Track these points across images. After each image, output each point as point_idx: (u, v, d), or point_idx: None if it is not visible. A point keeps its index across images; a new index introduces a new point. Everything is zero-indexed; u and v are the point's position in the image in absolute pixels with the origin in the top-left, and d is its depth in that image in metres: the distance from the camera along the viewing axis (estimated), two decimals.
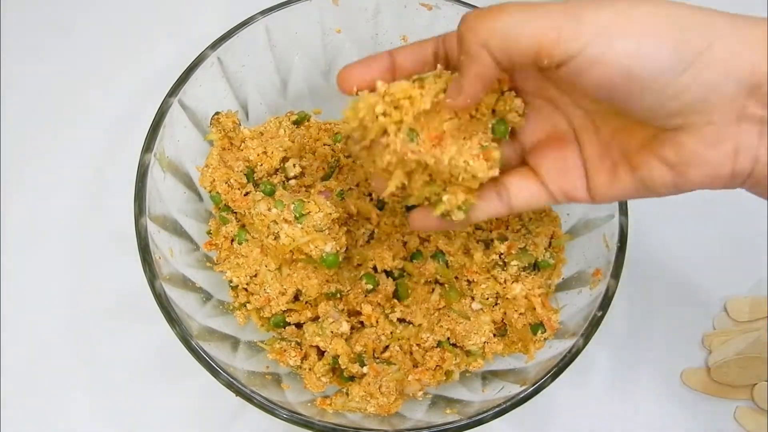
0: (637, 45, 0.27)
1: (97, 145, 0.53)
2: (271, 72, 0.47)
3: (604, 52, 0.27)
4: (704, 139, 0.29)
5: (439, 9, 0.45)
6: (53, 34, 0.58)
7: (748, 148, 0.28)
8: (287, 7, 0.44)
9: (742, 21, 0.28)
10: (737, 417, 0.47)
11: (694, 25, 0.28)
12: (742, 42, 0.28)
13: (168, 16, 0.59)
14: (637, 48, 0.27)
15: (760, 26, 0.28)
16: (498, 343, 0.42)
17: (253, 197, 0.44)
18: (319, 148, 0.48)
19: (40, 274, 0.49)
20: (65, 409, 0.46)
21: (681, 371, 0.48)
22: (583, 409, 0.47)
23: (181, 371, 0.46)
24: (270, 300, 0.42)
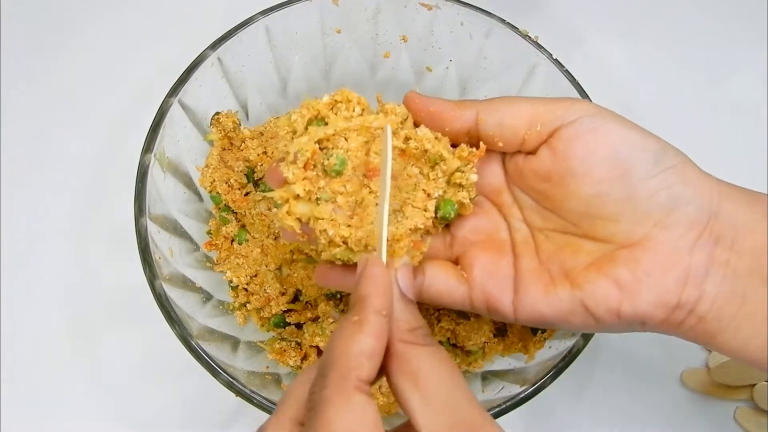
0: (626, 131, 0.29)
1: (97, 145, 0.53)
2: (271, 72, 0.47)
3: (598, 126, 0.29)
4: (660, 261, 0.29)
5: (439, 9, 0.45)
6: (53, 34, 0.58)
7: (695, 279, 0.28)
8: (287, 7, 0.44)
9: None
10: (737, 417, 0.47)
11: (665, 142, 0.30)
12: (702, 172, 0.30)
13: (168, 16, 0.59)
14: (627, 134, 0.29)
15: (706, 173, 0.30)
16: (498, 343, 0.42)
17: (253, 197, 0.44)
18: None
19: (40, 274, 0.49)
20: (65, 409, 0.46)
21: (681, 371, 0.48)
22: (582, 409, 0.47)
23: (181, 371, 0.46)
24: (270, 300, 0.42)
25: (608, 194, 0.29)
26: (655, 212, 0.29)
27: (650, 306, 0.29)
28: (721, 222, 0.29)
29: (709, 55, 0.60)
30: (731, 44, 0.60)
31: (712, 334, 0.29)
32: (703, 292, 0.28)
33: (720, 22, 0.61)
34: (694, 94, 0.58)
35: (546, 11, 0.61)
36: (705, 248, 0.29)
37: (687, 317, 0.29)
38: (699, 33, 0.61)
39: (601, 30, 0.61)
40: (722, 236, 0.29)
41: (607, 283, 0.29)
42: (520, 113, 0.31)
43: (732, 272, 0.28)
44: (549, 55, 0.43)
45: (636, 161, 0.29)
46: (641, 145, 0.29)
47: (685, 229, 0.29)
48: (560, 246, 0.32)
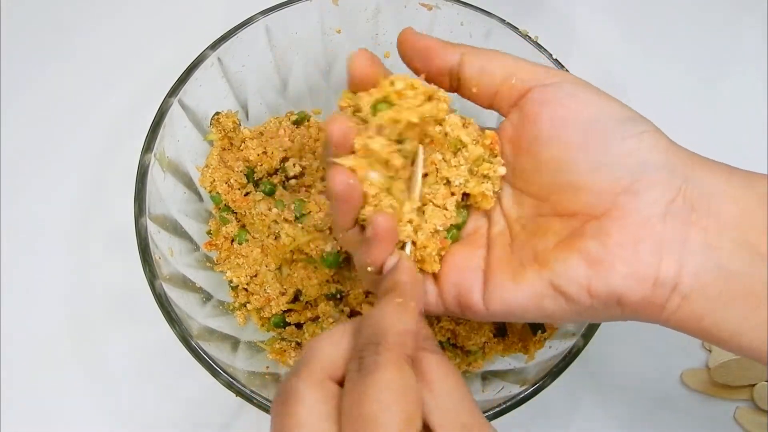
0: (598, 99, 0.29)
1: (97, 145, 0.53)
2: (271, 72, 0.47)
3: (572, 91, 0.29)
4: (630, 230, 0.27)
5: (439, 9, 0.45)
6: (53, 34, 0.58)
7: (672, 250, 0.26)
8: (287, 7, 0.44)
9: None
10: (737, 417, 0.47)
11: (636, 112, 0.29)
12: (672, 142, 0.29)
13: (168, 16, 0.59)
14: (598, 100, 0.29)
15: (683, 147, 0.29)
16: (498, 343, 0.42)
17: (253, 197, 0.44)
18: (319, 148, 0.48)
19: (40, 274, 0.49)
20: (65, 409, 0.46)
21: (681, 371, 0.48)
22: (582, 409, 0.47)
23: (181, 371, 0.46)
24: (270, 300, 0.42)
25: (575, 160, 0.28)
26: (624, 178, 0.27)
27: (624, 280, 0.27)
28: (694, 189, 0.27)
29: (710, 55, 0.60)
30: (733, 43, 0.60)
31: (699, 316, 0.27)
32: (683, 265, 0.26)
33: (720, 21, 0.61)
34: (694, 93, 0.58)
35: (546, 11, 0.61)
36: (679, 215, 0.27)
37: (670, 296, 0.27)
38: (699, 33, 0.61)
39: (601, 30, 0.61)
40: (697, 204, 0.27)
41: (576, 259, 0.28)
42: (503, 63, 0.30)
43: (714, 242, 0.26)
44: (549, 55, 0.43)
45: (604, 125, 0.28)
46: (611, 111, 0.28)
47: (656, 196, 0.27)
48: (531, 233, 0.30)
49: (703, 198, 0.27)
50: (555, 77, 0.29)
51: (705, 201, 0.27)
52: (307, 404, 0.24)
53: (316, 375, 0.25)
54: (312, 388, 0.25)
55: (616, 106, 0.29)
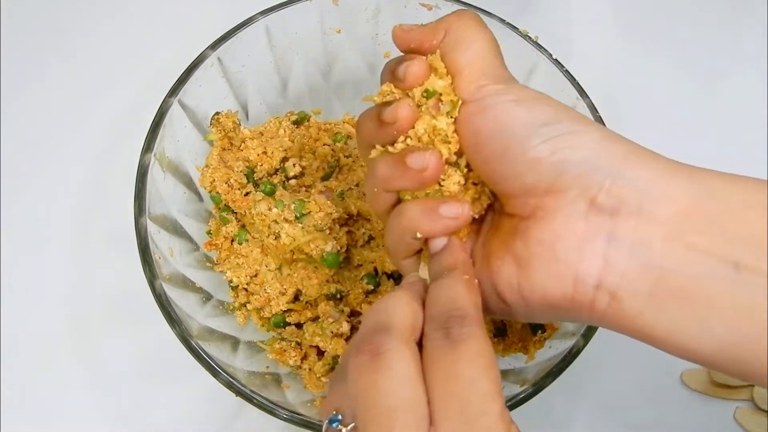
0: (514, 109, 0.28)
1: (97, 145, 0.53)
2: (271, 72, 0.47)
3: (492, 105, 0.29)
4: (551, 229, 0.27)
5: (439, 9, 0.45)
6: (53, 34, 0.58)
7: (594, 248, 0.26)
8: (287, 7, 0.44)
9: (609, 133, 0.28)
10: (737, 417, 0.47)
11: (574, 116, 0.28)
12: (609, 139, 0.27)
13: (168, 16, 0.59)
14: (513, 111, 0.28)
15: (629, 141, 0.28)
16: (498, 343, 0.42)
17: (253, 197, 0.44)
18: (319, 148, 0.48)
19: (40, 274, 0.49)
20: (65, 409, 0.46)
21: (681, 371, 0.48)
22: (582, 409, 0.47)
23: (181, 371, 0.46)
24: (270, 300, 0.42)
25: (498, 170, 0.28)
26: (543, 181, 0.27)
27: (546, 280, 0.27)
28: (623, 186, 0.26)
29: (710, 55, 0.60)
30: (733, 43, 0.60)
31: (632, 315, 0.26)
32: (608, 263, 0.26)
33: (720, 21, 0.61)
34: (694, 93, 0.58)
35: (546, 11, 0.61)
36: (602, 213, 0.26)
37: (595, 294, 0.26)
38: (699, 33, 0.61)
39: (601, 30, 0.61)
40: (624, 201, 0.26)
41: (508, 260, 0.28)
42: (459, 61, 0.30)
43: (644, 240, 0.25)
44: (549, 55, 0.43)
45: (513, 136, 0.27)
46: (524, 120, 0.28)
47: (576, 193, 0.26)
48: (491, 227, 0.31)
49: (635, 194, 0.26)
50: (483, 91, 0.29)
51: (636, 197, 0.26)
52: (406, 360, 0.25)
53: (407, 334, 0.26)
54: (407, 346, 0.25)
55: (531, 114, 0.28)
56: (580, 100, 0.42)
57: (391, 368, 0.24)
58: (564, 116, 0.28)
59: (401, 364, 0.24)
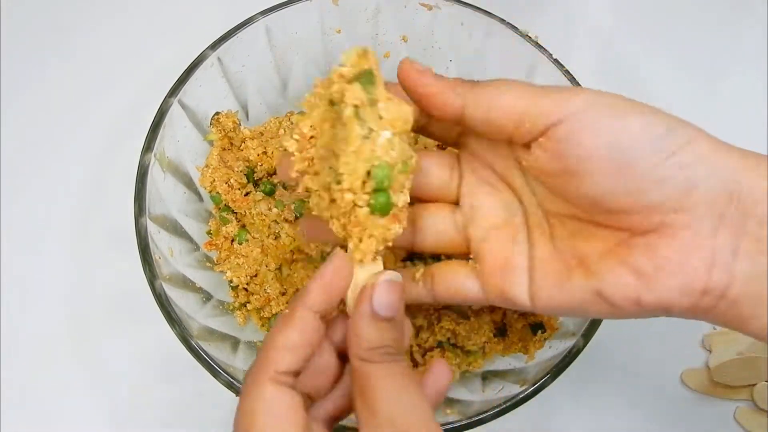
0: (623, 121, 0.27)
1: (97, 145, 0.53)
2: (271, 72, 0.47)
3: (593, 120, 0.27)
4: (680, 246, 0.27)
5: (439, 9, 0.45)
6: (53, 34, 0.58)
7: (723, 263, 0.26)
8: (287, 7, 0.44)
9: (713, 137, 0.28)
10: (737, 417, 0.47)
11: (675, 118, 0.28)
12: (720, 144, 0.27)
13: (168, 16, 0.59)
14: (624, 124, 0.27)
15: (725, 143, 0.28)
16: (498, 343, 0.42)
17: (253, 197, 0.44)
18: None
19: (40, 274, 0.49)
20: (65, 409, 0.46)
21: (681, 371, 0.48)
22: (582, 409, 0.47)
23: (180, 371, 0.46)
24: (270, 300, 0.42)
25: (614, 191, 0.27)
26: (670, 199, 0.27)
27: (673, 293, 0.27)
28: (745, 197, 0.26)
29: (710, 55, 0.60)
30: (733, 43, 0.60)
31: (744, 318, 0.27)
32: (734, 275, 0.26)
33: (720, 21, 0.61)
34: (694, 93, 0.58)
35: (546, 11, 0.61)
36: (729, 227, 0.26)
37: (718, 302, 0.27)
38: (699, 33, 0.61)
39: (601, 30, 0.61)
40: (749, 212, 0.26)
41: (624, 272, 0.28)
42: (508, 108, 0.28)
43: (762, 251, 0.26)
44: (549, 55, 0.43)
45: (637, 152, 0.27)
46: (642, 132, 0.27)
47: (705, 210, 0.26)
48: (573, 232, 0.30)
49: (754, 205, 0.26)
50: (568, 107, 0.27)
51: (759, 207, 0.26)
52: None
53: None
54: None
55: (646, 124, 0.27)
56: None
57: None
58: (672, 124, 0.27)
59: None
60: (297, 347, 0.26)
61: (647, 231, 0.27)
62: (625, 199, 0.27)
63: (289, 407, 0.26)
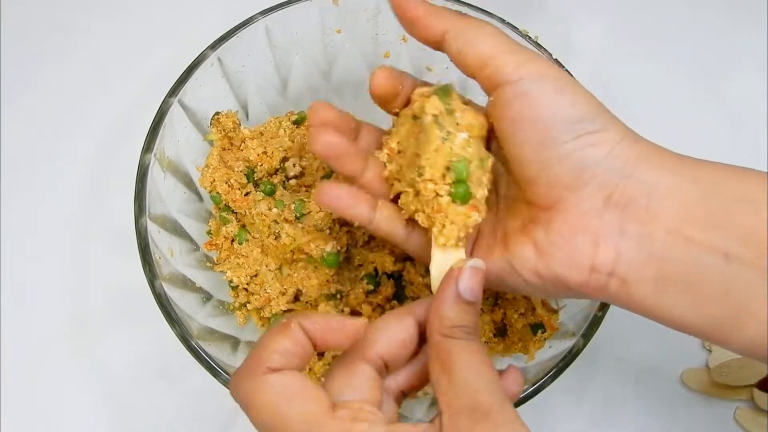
0: (557, 97, 0.29)
1: (97, 145, 0.53)
2: (271, 72, 0.47)
3: (533, 90, 0.29)
4: (569, 222, 0.30)
5: None
6: (53, 34, 0.58)
7: (609, 242, 0.29)
8: (287, 7, 0.44)
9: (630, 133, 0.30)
10: (737, 417, 0.47)
11: (601, 110, 0.30)
12: (630, 137, 0.30)
13: (168, 16, 0.59)
14: (556, 99, 0.29)
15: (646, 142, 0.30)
16: (498, 343, 0.42)
17: (253, 197, 0.44)
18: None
19: (40, 274, 0.49)
20: (65, 409, 0.46)
21: (681, 371, 0.48)
22: (582, 409, 0.47)
23: (181, 371, 0.46)
24: (270, 300, 0.42)
25: (528, 158, 0.30)
26: (566, 175, 0.29)
27: (563, 268, 0.30)
28: (634, 185, 0.29)
29: (710, 55, 0.60)
30: (733, 43, 0.60)
31: (637, 298, 0.29)
32: (620, 254, 0.29)
33: (720, 21, 0.61)
34: (694, 93, 0.58)
35: (546, 11, 0.61)
36: (615, 210, 0.29)
37: (608, 280, 0.29)
38: (700, 33, 0.61)
39: (602, 30, 0.61)
40: (634, 199, 0.29)
41: (528, 245, 0.31)
42: (480, 51, 0.30)
43: (648, 234, 0.28)
44: (549, 55, 0.43)
45: (553, 127, 0.29)
46: (564, 111, 0.29)
47: (594, 191, 0.29)
48: (508, 209, 0.34)
49: (642, 193, 0.29)
50: (520, 72, 0.30)
51: (644, 196, 0.29)
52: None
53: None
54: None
55: (570, 108, 0.29)
56: None
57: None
58: (597, 113, 0.30)
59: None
60: (287, 352, 0.28)
61: (548, 207, 0.30)
62: (534, 169, 0.30)
63: (301, 384, 0.27)
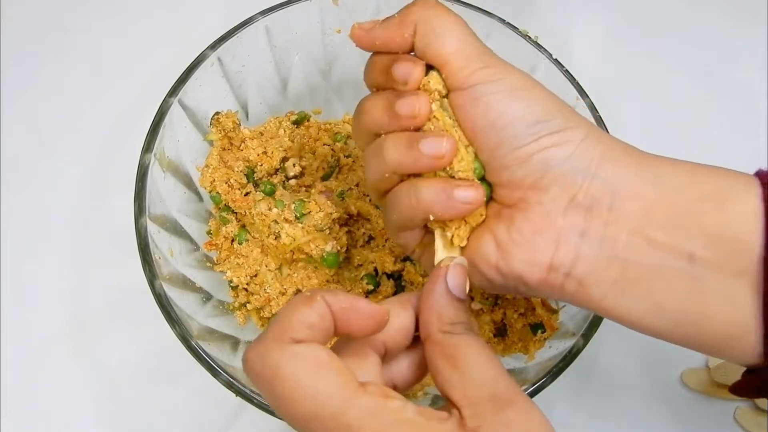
0: (511, 102, 0.29)
1: (97, 144, 0.53)
2: (271, 72, 0.47)
3: (486, 95, 0.29)
4: (531, 221, 0.29)
5: None
6: (53, 34, 0.58)
7: (569, 242, 0.29)
8: (287, 7, 0.44)
9: (593, 131, 0.30)
10: (737, 417, 0.47)
11: (562, 109, 0.30)
12: (594, 136, 0.30)
13: (168, 16, 0.59)
14: (511, 104, 0.29)
15: (611, 139, 0.30)
16: (498, 343, 0.42)
17: (253, 197, 0.44)
18: (319, 148, 0.48)
19: (40, 274, 0.49)
20: (65, 409, 0.46)
21: (681, 371, 0.48)
22: (582, 409, 0.47)
23: (181, 371, 0.46)
24: (270, 300, 0.42)
25: (489, 161, 0.30)
26: (529, 176, 0.29)
27: (522, 265, 0.30)
28: (597, 185, 0.29)
29: (710, 55, 0.60)
30: (733, 43, 0.60)
31: (594, 299, 0.29)
32: (579, 255, 0.29)
33: (721, 21, 0.61)
34: (695, 93, 0.58)
35: (546, 11, 0.61)
36: (579, 211, 0.29)
37: (565, 280, 0.29)
38: (700, 33, 0.61)
39: (602, 30, 0.61)
40: (597, 199, 0.29)
41: (489, 241, 0.31)
42: (442, 50, 0.30)
43: (611, 236, 0.28)
44: (549, 55, 0.43)
45: (509, 132, 0.29)
46: (520, 115, 0.29)
47: (557, 191, 0.29)
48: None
49: (606, 193, 0.29)
50: (474, 77, 0.30)
51: (608, 196, 0.29)
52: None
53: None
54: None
55: (527, 111, 0.29)
56: (580, 100, 0.42)
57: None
58: (557, 112, 0.30)
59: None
60: (313, 325, 0.25)
61: (511, 205, 0.30)
62: (497, 172, 0.30)
63: (328, 357, 0.25)
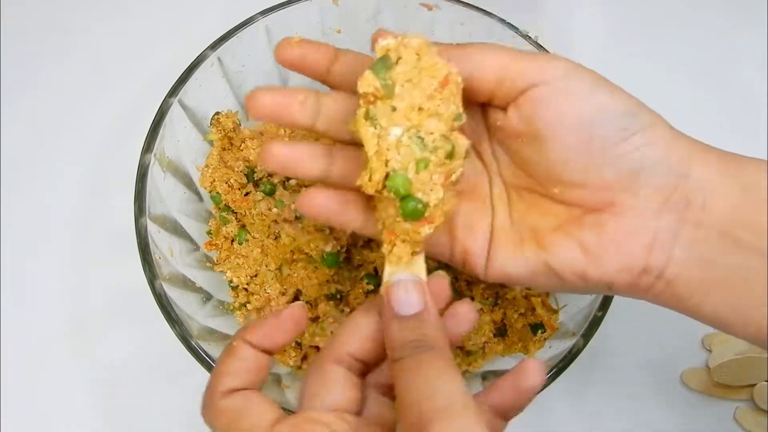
0: (594, 94, 0.28)
1: (97, 144, 0.53)
2: (271, 72, 0.47)
3: (568, 88, 0.28)
4: (625, 225, 0.29)
5: (440, 9, 0.45)
6: (53, 34, 0.58)
7: (663, 245, 0.28)
8: (287, 7, 0.44)
9: (672, 128, 0.30)
10: (737, 417, 0.47)
11: (639, 102, 0.29)
12: (676, 133, 0.29)
13: (168, 16, 0.59)
14: (595, 97, 0.28)
15: (688, 137, 0.30)
16: (498, 343, 0.42)
17: (253, 197, 0.44)
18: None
19: (40, 274, 0.49)
20: (65, 409, 0.46)
21: (681, 371, 0.48)
22: (582, 409, 0.47)
23: (181, 371, 0.46)
24: (270, 300, 0.42)
25: (575, 161, 0.28)
26: (621, 178, 0.28)
27: (615, 271, 0.29)
28: (691, 185, 0.28)
29: (711, 55, 0.60)
30: (733, 43, 0.60)
31: (681, 298, 0.29)
32: (672, 257, 0.28)
33: (721, 21, 0.61)
34: (694, 93, 0.58)
35: (546, 11, 0.61)
36: (673, 212, 0.28)
37: (655, 282, 0.29)
38: (700, 33, 0.61)
39: (602, 30, 0.61)
40: (692, 199, 0.28)
41: (573, 247, 0.29)
42: (491, 67, 0.29)
43: (703, 236, 0.28)
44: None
45: (601, 127, 0.28)
46: (608, 108, 0.28)
47: (651, 193, 0.28)
48: (530, 206, 0.31)
49: (698, 193, 0.28)
50: (548, 72, 0.28)
51: (700, 196, 0.28)
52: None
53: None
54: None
55: (613, 101, 0.28)
56: None
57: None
58: (640, 105, 0.29)
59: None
60: (238, 371, 0.28)
61: (597, 208, 0.29)
62: (582, 173, 0.29)
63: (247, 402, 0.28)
